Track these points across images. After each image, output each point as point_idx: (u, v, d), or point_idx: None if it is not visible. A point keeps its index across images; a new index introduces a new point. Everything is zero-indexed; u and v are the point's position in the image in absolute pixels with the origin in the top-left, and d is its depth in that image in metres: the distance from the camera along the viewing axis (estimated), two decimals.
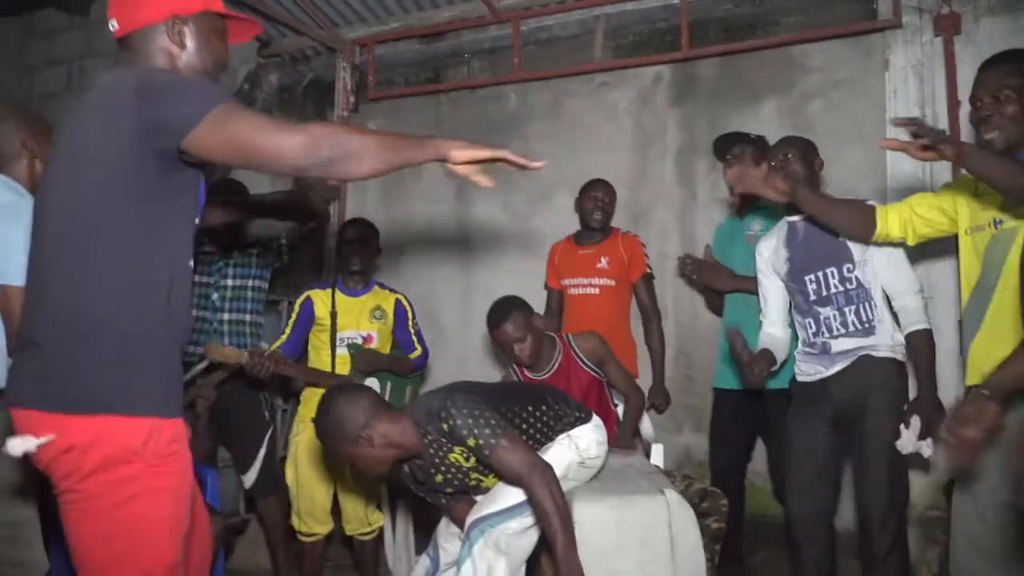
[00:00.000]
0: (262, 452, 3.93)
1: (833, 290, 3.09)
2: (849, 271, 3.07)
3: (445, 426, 2.50)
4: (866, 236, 2.96)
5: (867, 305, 3.06)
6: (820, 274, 3.11)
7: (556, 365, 3.42)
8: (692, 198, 4.53)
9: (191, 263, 1.95)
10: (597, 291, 4.10)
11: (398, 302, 3.90)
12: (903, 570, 3.08)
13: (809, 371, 3.18)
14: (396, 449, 2.61)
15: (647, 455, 3.42)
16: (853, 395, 3.04)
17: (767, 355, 3.18)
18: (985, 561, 2.54)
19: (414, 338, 3.91)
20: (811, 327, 3.16)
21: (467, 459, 2.61)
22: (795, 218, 3.18)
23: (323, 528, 3.75)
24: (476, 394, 2.58)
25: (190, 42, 1.94)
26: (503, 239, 4.79)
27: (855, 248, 3.05)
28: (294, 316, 3.79)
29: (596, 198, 4.11)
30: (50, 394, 1.75)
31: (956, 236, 2.75)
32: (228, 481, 4.33)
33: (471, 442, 2.46)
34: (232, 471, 4.26)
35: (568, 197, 4.52)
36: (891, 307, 3.09)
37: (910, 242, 2.92)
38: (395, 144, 1.83)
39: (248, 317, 4.02)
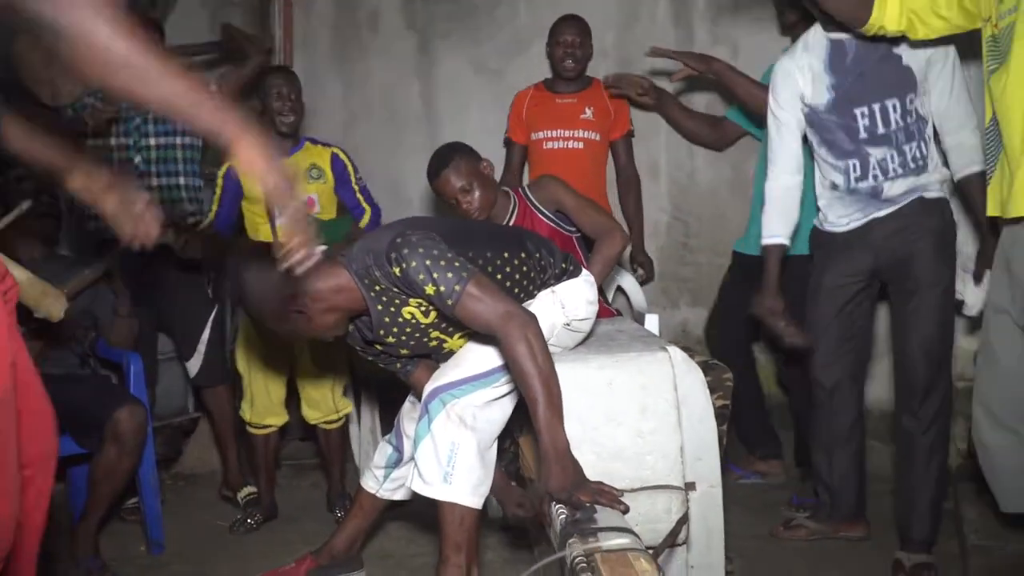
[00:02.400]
0: (205, 335, 3.48)
1: (894, 126, 2.62)
2: (911, 102, 2.59)
3: (396, 270, 1.96)
4: (860, 19, 2.46)
5: (923, 141, 2.62)
6: (877, 106, 2.62)
7: (511, 221, 2.87)
8: (689, 40, 3.96)
9: None
10: (582, 145, 3.62)
11: (335, 156, 3.32)
12: (945, 445, 2.69)
13: (840, 221, 2.75)
14: (339, 311, 2.12)
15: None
16: (900, 242, 2.64)
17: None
18: (1001, 429, 2.21)
19: (359, 196, 3.35)
20: (854, 170, 2.69)
21: (425, 314, 2.10)
22: (839, 35, 2.63)
23: (277, 420, 3.30)
24: (437, 230, 2.04)
25: None
26: (473, 98, 4.24)
27: (919, 71, 2.57)
28: (218, 191, 3.25)
29: (566, 43, 3.59)
30: None
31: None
32: (174, 376, 3.86)
33: (430, 290, 1.93)
34: (177, 364, 3.82)
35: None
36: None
37: (915, 36, 2.45)
38: (171, 69, 1.28)
39: (182, 180, 3.52)
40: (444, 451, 1.98)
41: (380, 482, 2.57)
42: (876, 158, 2.65)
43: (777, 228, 2.82)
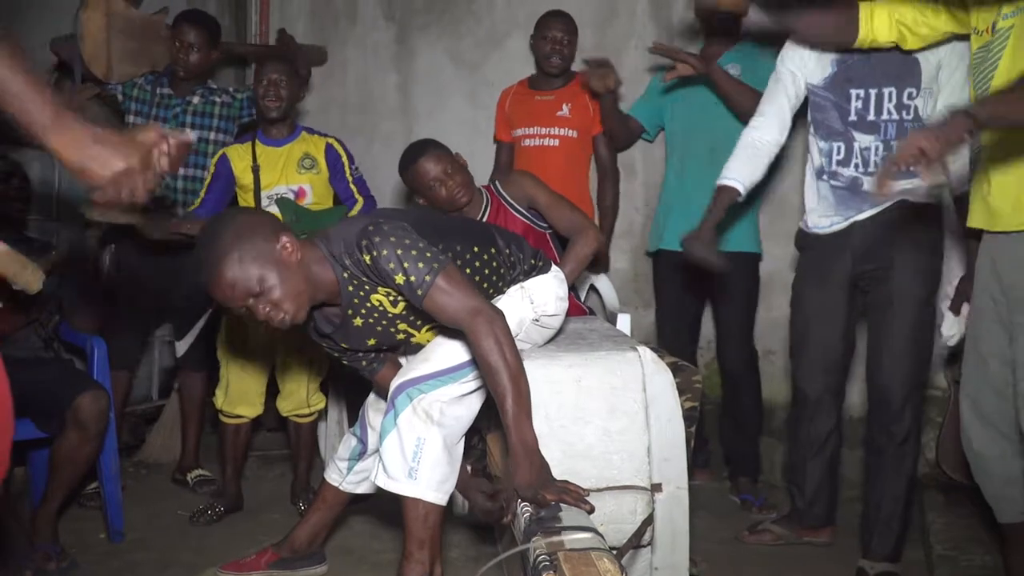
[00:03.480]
0: (203, 320, 3.45)
1: (885, 116, 2.58)
2: (911, 97, 2.55)
3: (367, 258, 1.94)
4: (848, 41, 2.49)
5: None
6: (874, 91, 2.59)
7: (484, 218, 2.86)
8: (668, 38, 3.95)
9: None
10: (556, 143, 3.58)
11: (329, 147, 3.28)
12: (915, 458, 2.69)
13: (821, 222, 2.71)
14: (311, 287, 2.06)
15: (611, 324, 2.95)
16: (879, 248, 2.60)
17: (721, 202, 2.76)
18: (989, 427, 2.20)
19: (353, 187, 3.30)
20: (838, 153, 2.66)
21: (394, 303, 2.08)
22: None
23: (250, 411, 3.24)
24: (408, 221, 2.02)
25: None
26: (450, 91, 4.21)
27: (926, 70, 2.52)
28: (208, 177, 3.22)
29: (553, 39, 3.54)
30: None
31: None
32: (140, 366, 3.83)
33: (399, 279, 1.91)
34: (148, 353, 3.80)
35: (523, 40, 3.96)
36: None
37: (907, 46, 2.46)
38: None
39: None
40: (409, 446, 1.96)
41: (344, 475, 2.54)
42: (861, 145, 2.62)
43: (737, 172, 2.74)
